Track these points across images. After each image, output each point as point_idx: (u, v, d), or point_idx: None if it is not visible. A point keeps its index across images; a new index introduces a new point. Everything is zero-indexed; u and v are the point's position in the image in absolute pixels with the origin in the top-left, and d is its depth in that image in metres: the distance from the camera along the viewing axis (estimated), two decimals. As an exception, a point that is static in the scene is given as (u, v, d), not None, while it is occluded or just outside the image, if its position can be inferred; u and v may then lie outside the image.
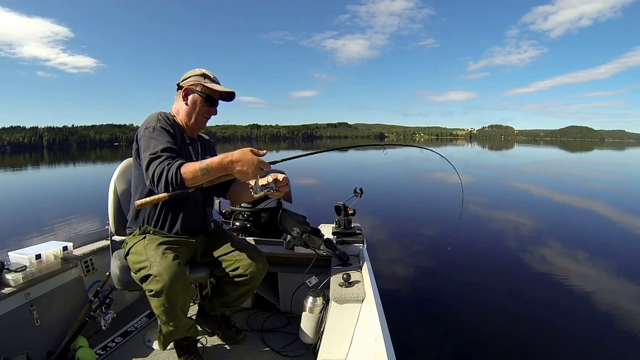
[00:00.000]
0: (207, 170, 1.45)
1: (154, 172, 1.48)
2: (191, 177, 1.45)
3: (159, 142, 1.57)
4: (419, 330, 3.01)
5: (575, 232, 6.30)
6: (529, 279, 4.09)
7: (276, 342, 2.10)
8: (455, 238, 5.65)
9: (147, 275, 1.50)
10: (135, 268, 1.58)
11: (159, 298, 1.49)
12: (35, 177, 19.63)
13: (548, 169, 19.90)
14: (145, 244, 1.63)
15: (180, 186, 1.45)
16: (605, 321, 3.13)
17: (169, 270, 1.48)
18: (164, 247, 1.61)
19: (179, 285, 1.51)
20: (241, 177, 1.50)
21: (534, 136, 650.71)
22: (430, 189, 11.95)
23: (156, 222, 1.76)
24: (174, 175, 1.44)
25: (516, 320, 3.15)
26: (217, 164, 1.46)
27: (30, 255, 1.88)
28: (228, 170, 1.47)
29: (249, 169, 1.46)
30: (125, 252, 1.70)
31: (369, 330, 1.54)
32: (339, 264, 2.09)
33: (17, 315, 1.77)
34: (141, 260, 1.56)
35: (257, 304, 2.52)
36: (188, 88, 1.79)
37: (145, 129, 1.65)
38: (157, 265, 1.49)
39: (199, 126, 1.85)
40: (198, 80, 1.78)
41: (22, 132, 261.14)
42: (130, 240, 1.73)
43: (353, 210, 2.35)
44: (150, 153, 1.54)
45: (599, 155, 37.90)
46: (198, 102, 1.79)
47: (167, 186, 1.45)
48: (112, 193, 2.00)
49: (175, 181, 1.44)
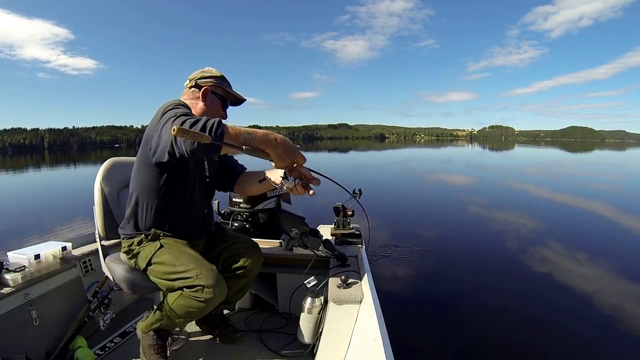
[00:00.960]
0: (251, 136, 1.31)
1: (187, 120, 1.27)
2: (234, 134, 1.29)
3: (185, 112, 1.44)
4: (417, 331, 3.01)
5: (575, 233, 6.28)
6: (529, 279, 4.08)
7: (275, 342, 2.10)
8: (455, 239, 5.66)
9: (193, 285, 1.53)
10: (171, 277, 1.59)
11: (201, 304, 1.54)
12: (36, 178, 19.70)
13: (549, 169, 19.88)
14: (172, 253, 1.62)
15: (219, 136, 1.25)
16: (606, 322, 3.11)
17: (219, 284, 1.56)
18: (194, 253, 1.65)
19: (223, 293, 1.59)
20: (278, 160, 1.37)
21: (534, 137, 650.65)
22: (429, 190, 11.92)
23: (160, 224, 1.71)
24: (216, 123, 1.26)
25: (515, 321, 3.15)
26: (262, 135, 1.33)
27: (29, 256, 1.88)
28: (269, 146, 1.34)
29: (288, 155, 1.37)
30: (146, 262, 1.64)
31: (368, 331, 1.54)
32: (337, 265, 2.10)
33: (16, 315, 1.78)
34: (178, 271, 1.57)
35: (256, 305, 2.52)
36: (208, 88, 1.75)
37: (167, 108, 1.52)
38: (206, 278, 1.53)
39: None
40: (220, 84, 1.76)
41: (24, 133, 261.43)
42: (143, 249, 1.68)
43: (352, 212, 2.36)
44: (177, 116, 1.37)
45: (599, 156, 37.85)
46: (216, 105, 1.77)
47: (205, 128, 1.24)
48: (99, 195, 1.92)
49: (215, 128, 1.25)
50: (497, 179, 15.33)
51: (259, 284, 2.39)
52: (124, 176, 1.95)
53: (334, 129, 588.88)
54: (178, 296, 1.58)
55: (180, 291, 1.57)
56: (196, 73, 1.79)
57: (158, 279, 1.64)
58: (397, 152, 43.48)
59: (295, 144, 1.41)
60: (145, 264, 1.65)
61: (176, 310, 1.60)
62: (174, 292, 1.60)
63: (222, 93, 1.77)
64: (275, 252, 2.33)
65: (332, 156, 35.14)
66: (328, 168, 20.58)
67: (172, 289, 1.61)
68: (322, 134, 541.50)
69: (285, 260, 2.32)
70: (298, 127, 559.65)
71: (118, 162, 2.00)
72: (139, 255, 1.68)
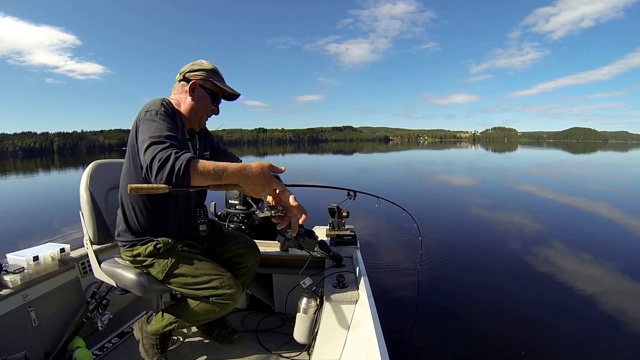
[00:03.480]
0: (220, 174, 1.26)
1: (156, 157, 1.26)
2: (201, 175, 1.25)
3: (162, 127, 1.40)
4: (412, 331, 2.99)
5: (579, 234, 6.12)
6: (529, 280, 4.01)
7: (271, 342, 2.11)
8: (454, 239, 5.62)
9: (220, 295, 1.60)
10: (195, 288, 1.62)
11: (224, 310, 1.64)
12: (43, 181, 19.80)
13: (552, 170, 19.72)
14: (190, 264, 1.65)
15: (183, 180, 1.24)
16: (612, 324, 3.03)
17: (239, 288, 1.66)
18: (210, 262, 1.70)
19: (241, 296, 1.68)
20: (251, 193, 1.32)
21: (537, 138, 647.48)
22: (430, 191, 11.84)
23: (156, 227, 1.67)
24: (182, 166, 1.22)
25: (512, 321, 3.09)
26: (233, 172, 1.27)
27: (28, 257, 1.90)
28: (242, 181, 1.29)
29: (261, 190, 1.32)
30: (164, 274, 1.62)
31: (363, 331, 1.54)
32: (332, 266, 2.10)
33: (14, 316, 1.80)
34: (201, 282, 1.61)
35: (252, 305, 2.53)
36: (196, 82, 1.66)
37: (147, 112, 1.48)
38: (229, 285, 1.62)
39: (200, 124, 1.74)
40: (208, 77, 1.68)
41: (34, 137, 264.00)
42: (158, 261, 1.64)
43: (347, 213, 2.37)
44: (151, 136, 1.34)
45: (602, 157, 37.45)
46: (206, 99, 1.69)
47: (170, 177, 1.23)
48: (87, 199, 1.86)
49: (182, 173, 1.22)
50: (500, 179, 15.23)
51: (256, 284, 2.41)
52: (110, 178, 1.92)
53: (339, 132, 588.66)
54: (200, 303, 1.64)
55: (206, 299, 1.62)
56: (187, 66, 1.72)
57: (180, 289, 1.66)
58: (401, 154, 43.34)
59: (301, 146, 1.37)
60: (164, 275, 1.64)
61: (197, 316, 1.67)
62: (196, 299, 1.65)
63: (212, 87, 1.69)
64: (271, 253, 2.34)
65: (337, 158, 35.11)
66: (332, 170, 20.62)
67: (196, 298, 1.64)
68: (326, 136, 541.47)
69: (281, 261, 2.33)
70: (303, 129, 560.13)
71: (103, 164, 1.97)
72: (154, 266, 1.65)
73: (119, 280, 1.73)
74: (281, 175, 1.49)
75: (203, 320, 1.73)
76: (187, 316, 1.70)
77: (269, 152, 62.74)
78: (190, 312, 1.67)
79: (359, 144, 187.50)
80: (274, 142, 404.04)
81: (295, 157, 41.94)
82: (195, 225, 1.79)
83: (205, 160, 1.29)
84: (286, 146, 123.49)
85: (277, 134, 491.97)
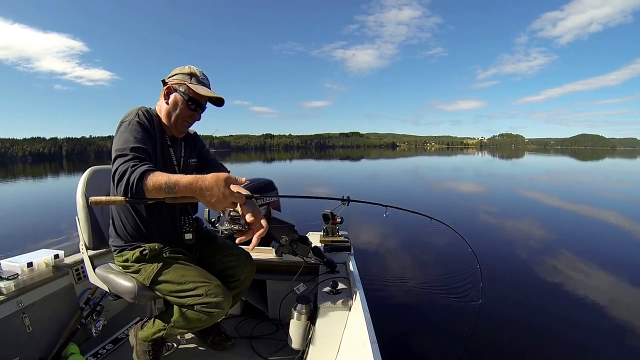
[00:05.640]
0: (172, 188, 1.30)
1: (117, 170, 1.34)
2: (153, 189, 1.30)
3: (130, 139, 1.44)
4: (406, 337, 2.98)
5: (586, 242, 5.98)
6: (527, 285, 4.00)
7: (265, 348, 2.11)
8: (445, 245, 5.55)
9: (204, 302, 1.55)
10: (180, 295, 1.59)
11: (211, 318, 1.58)
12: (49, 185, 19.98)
13: (559, 177, 19.53)
14: (177, 271, 1.62)
15: (137, 194, 1.30)
16: (617, 333, 3.00)
17: (227, 297, 1.59)
18: (198, 269, 1.66)
19: (230, 305, 1.62)
20: (210, 207, 1.34)
21: (544, 145, 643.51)
22: (436, 197, 11.74)
23: (146, 234, 1.69)
24: (135, 181, 1.29)
25: (511, 328, 3.09)
26: (185, 185, 1.30)
27: (22, 263, 1.90)
28: (196, 195, 1.32)
29: (217, 203, 1.32)
30: (150, 280, 1.61)
31: (357, 337, 1.55)
32: (326, 272, 2.11)
33: (8, 322, 1.80)
34: (187, 289, 1.58)
35: (246, 311, 2.53)
36: (171, 86, 1.64)
37: (122, 122, 1.52)
38: (215, 294, 1.56)
39: (178, 129, 1.70)
40: (183, 80, 1.63)
41: (43, 142, 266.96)
42: (144, 267, 1.64)
43: (340, 219, 2.37)
44: (117, 149, 1.41)
45: (610, 164, 36.99)
46: (180, 103, 1.63)
47: (125, 189, 1.30)
48: (83, 204, 1.87)
49: (134, 187, 1.29)
50: (507, 186, 15.11)
51: (249, 290, 2.39)
52: (106, 184, 1.89)
53: (346, 138, 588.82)
54: (186, 311, 1.60)
55: (191, 307, 1.58)
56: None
57: (166, 296, 1.64)
58: (408, 161, 43.18)
59: (308, 152, 1.37)
60: (150, 282, 1.63)
61: (183, 323, 1.63)
62: (183, 307, 1.61)
63: (187, 91, 1.62)
64: (265, 259, 2.34)
65: (344, 164, 35.12)
66: (339, 176, 20.58)
67: (182, 306, 1.61)
68: (334, 142, 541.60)
69: (275, 267, 2.33)
70: (310, 135, 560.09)
71: (99, 170, 1.98)
72: (141, 272, 1.65)
73: (111, 286, 1.74)
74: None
75: (192, 328, 1.68)
76: (175, 324, 1.67)
77: (276, 157, 62.87)
78: (177, 320, 1.64)
79: (366, 150, 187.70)
80: (281, 148, 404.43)
81: (302, 162, 42.07)
82: (180, 233, 1.78)
83: (163, 173, 1.33)
84: (293, 152, 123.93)
85: (285, 140, 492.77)
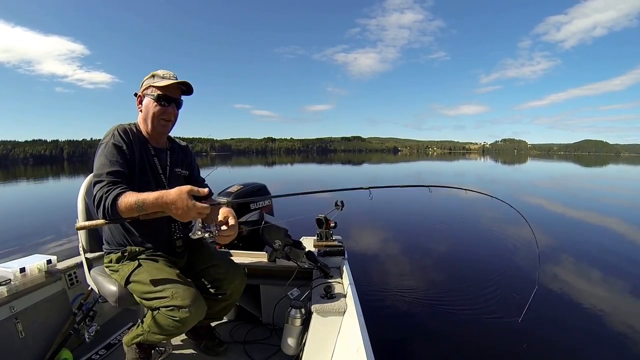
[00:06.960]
0: (141, 206, 1.41)
1: (95, 197, 1.48)
2: (125, 210, 1.42)
3: (106, 163, 1.55)
4: (400, 342, 3.00)
5: (589, 249, 5.93)
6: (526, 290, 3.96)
7: (259, 354, 2.11)
8: (449, 252, 5.53)
9: (168, 305, 1.51)
10: (148, 297, 1.58)
11: (178, 324, 1.53)
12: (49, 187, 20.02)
13: (563, 183, 19.47)
14: (150, 272, 1.62)
15: (113, 216, 1.44)
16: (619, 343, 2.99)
17: (196, 303, 1.54)
18: (172, 272, 1.64)
19: (201, 312, 1.59)
20: (179, 219, 1.44)
21: (547, 150, 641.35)
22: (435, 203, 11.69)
23: (134, 240, 1.72)
24: (109, 205, 1.42)
25: (507, 333, 3.09)
26: (152, 202, 1.40)
27: (15, 269, 1.90)
28: (164, 209, 1.41)
29: (184, 215, 1.40)
30: (124, 280, 1.65)
31: (351, 341, 1.56)
32: (320, 276, 2.13)
33: (1, 328, 1.79)
34: (155, 290, 1.56)
35: (240, 316, 2.53)
36: (141, 94, 1.74)
37: (100, 144, 1.63)
38: (182, 297, 1.52)
39: (157, 131, 1.75)
40: (148, 84, 1.71)
41: (44, 145, 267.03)
42: (122, 267, 1.69)
43: (334, 223, 2.37)
44: (95, 174, 1.55)
45: (614, 170, 36.85)
46: (150, 104, 1.70)
47: (103, 213, 1.44)
48: (82, 208, 1.92)
49: (110, 211, 1.43)
50: (509, 192, 15.07)
51: (243, 295, 2.39)
52: None
53: (348, 142, 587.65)
54: (155, 314, 1.57)
55: (157, 310, 1.56)
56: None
57: (137, 297, 1.64)
58: (410, 165, 43.14)
59: (310, 156, 1.39)
60: (124, 282, 1.65)
61: (154, 328, 1.60)
62: (152, 311, 1.60)
63: (154, 90, 1.69)
64: (259, 264, 2.35)
65: (345, 169, 35.13)
66: (342, 180, 20.55)
67: (150, 308, 1.61)
68: (335, 146, 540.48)
69: (269, 272, 2.34)
70: (312, 139, 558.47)
71: None
72: (119, 272, 1.69)
73: (99, 288, 1.78)
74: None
75: (165, 333, 1.61)
76: (150, 329, 1.64)
77: (278, 161, 62.88)
78: (150, 325, 1.62)
79: (368, 155, 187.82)
80: (283, 152, 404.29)
81: (303, 166, 42.13)
82: (167, 239, 1.79)
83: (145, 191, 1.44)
84: (295, 156, 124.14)
85: (286, 144, 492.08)
